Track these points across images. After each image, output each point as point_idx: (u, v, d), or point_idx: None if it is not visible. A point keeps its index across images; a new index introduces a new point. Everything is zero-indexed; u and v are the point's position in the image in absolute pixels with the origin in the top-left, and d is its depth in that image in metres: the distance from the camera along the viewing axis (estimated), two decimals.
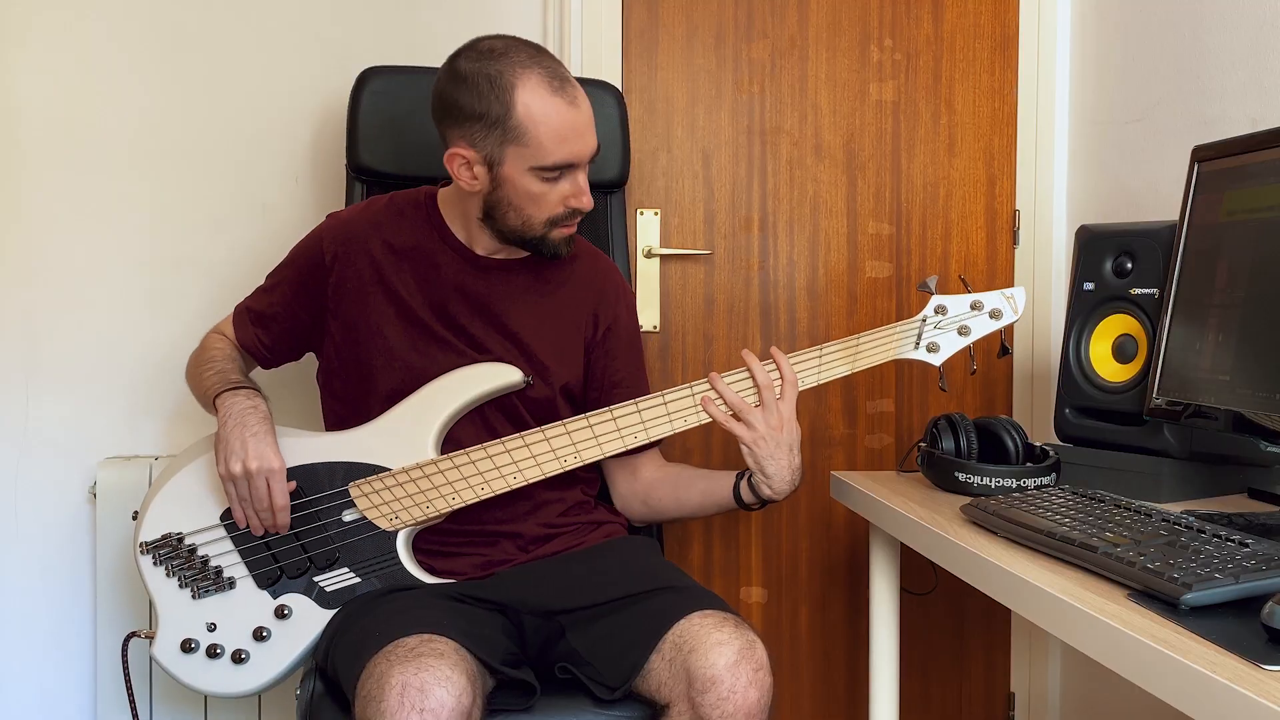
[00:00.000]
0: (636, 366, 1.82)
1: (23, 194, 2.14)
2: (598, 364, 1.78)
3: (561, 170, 1.60)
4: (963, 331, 1.72)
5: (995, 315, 1.72)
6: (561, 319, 1.74)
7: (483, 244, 1.71)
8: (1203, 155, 1.52)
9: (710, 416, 1.67)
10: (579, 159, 1.61)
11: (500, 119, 1.57)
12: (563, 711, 1.50)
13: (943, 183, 2.41)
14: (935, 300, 1.72)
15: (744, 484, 1.72)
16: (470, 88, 1.58)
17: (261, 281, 1.81)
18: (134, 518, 1.71)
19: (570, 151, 1.59)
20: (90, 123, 2.15)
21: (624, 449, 1.68)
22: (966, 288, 1.74)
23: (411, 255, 1.71)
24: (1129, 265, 1.67)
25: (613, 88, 2.07)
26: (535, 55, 1.60)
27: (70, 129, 2.15)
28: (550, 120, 1.57)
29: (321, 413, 1.79)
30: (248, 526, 1.61)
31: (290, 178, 2.21)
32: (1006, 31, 2.40)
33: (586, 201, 1.64)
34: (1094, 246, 1.72)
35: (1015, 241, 2.43)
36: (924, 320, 1.72)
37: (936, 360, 1.71)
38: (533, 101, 1.56)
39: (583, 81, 2.01)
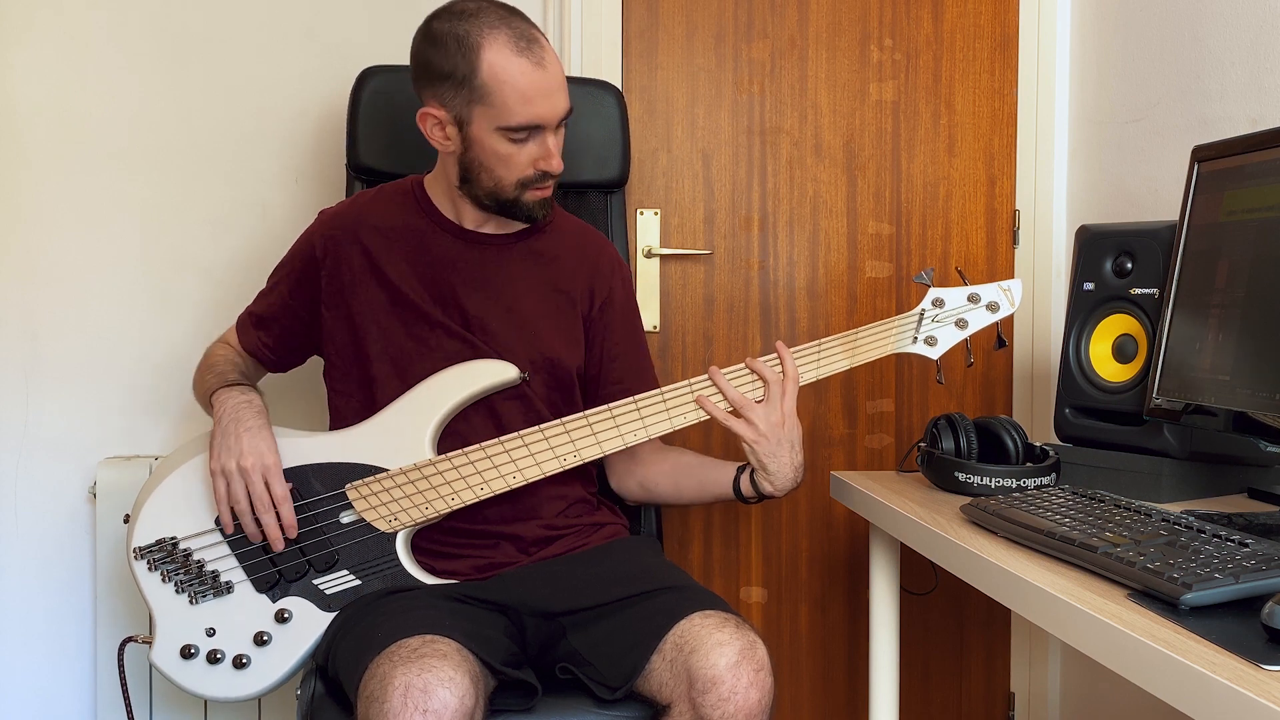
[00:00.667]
0: (634, 341, 1.81)
1: (23, 194, 2.14)
2: (595, 339, 1.77)
3: (529, 131, 1.61)
4: (960, 324, 1.71)
5: (993, 308, 1.71)
6: (558, 294, 1.74)
7: (470, 217, 1.72)
8: (1203, 155, 1.52)
9: (708, 414, 1.67)
10: (545, 120, 1.61)
11: (467, 78, 1.58)
12: (564, 712, 1.50)
13: (943, 182, 2.40)
14: (932, 293, 1.71)
15: (745, 478, 1.72)
16: (440, 47, 1.60)
17: (263, 282, 1.81)
18: (125, 521, 1.70)
19: (535, 113, 1.59)
20: (91, 123, 2.15)
21: (624, 447, 1.68)
22: (964, 280, 1.73)
23: (402, 238, 1.71)
24: (1129, 265, 1.67)
25: (612, 87, 2.06)
26: (505, 16, 1.60)
27: (71, 129, 2.15)
28: (515, 80, 1.57)
29: (327, 412, 1.78)
30: (238, 533, 1.61)
31: (290, 177, 2.21)
32: (1006, 31, 2.40)
33: (556, 164, 1.64)
34: (1094, 246, 1.72)
35: (1015, 241, 2.42)
36: (922, 313, 1.71)
37: (934, 354, 1.71)
38: (497, 61, 1.57)
39: (583, 81, 2.03)
